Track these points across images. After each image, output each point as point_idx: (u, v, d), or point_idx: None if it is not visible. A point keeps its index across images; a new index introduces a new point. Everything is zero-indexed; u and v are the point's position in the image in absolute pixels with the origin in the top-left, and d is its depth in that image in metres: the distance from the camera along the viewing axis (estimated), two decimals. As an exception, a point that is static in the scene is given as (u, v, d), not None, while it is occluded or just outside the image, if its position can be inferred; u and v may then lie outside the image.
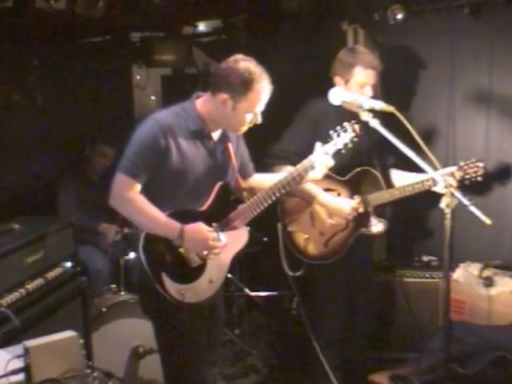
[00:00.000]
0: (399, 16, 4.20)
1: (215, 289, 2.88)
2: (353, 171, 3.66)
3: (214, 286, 2.87)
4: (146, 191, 2.75)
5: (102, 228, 4.68)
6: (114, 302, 3.84)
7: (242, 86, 2.69)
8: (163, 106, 5.95)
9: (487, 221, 2.62)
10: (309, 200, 3.61)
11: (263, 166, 3.55)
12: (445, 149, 4.40)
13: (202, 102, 2.84)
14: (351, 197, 3.65)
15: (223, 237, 2.81)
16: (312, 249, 3.68)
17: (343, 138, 2.90)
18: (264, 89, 2.73)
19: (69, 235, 3.50)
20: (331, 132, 2.92)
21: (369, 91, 3.55)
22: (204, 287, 2.83)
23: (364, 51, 3.65)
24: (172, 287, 2.72)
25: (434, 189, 3.33)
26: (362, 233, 3.67)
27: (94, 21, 3.94)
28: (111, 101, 5.54)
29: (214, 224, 2.82)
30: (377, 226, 3.66)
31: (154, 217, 2.70)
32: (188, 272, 2.78)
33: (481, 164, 3.59)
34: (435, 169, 2.69)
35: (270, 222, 3.72)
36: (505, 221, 4.18)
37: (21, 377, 2.35)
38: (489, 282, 3.91)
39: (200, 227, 2.74)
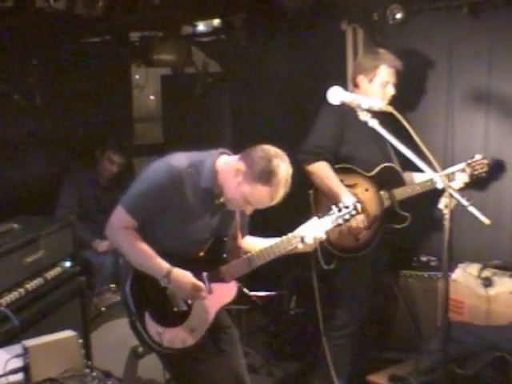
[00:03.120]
0: (398, 16, 4.21)
1: (197, 338, 2.83)
2: (378, 167, 3.77)
3: (195, 335, 2.84)
4: (143, 228, 2.77)
5: (95, 244, 4.62)
6: (114, 301, 3.83)
7: (260, 174, 2.63)
8: (162, 106, 6.06)
9: (486, 221, 2.61)
10: (335, 199, 3.53)
11: (296, 162, 3.50)
12: (443, 148, 4.39)
13: (224, 162, 2.77)
14: (377, 192, 3.76)
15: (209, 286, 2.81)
16: (344, 242, 3.74)
17: (344, 214, 2.87)
18: (272, 198, 2.68)
19: (68, 235, 3.50)
20: (333, 206, 2.89)
21: (391, 89, 3.78)
22: (184, 335, 2.81)
23: (386, 52, 3.84)
24: (152, 327, 2.76)
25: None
26: (390, 226, 3.81)
27: (94, 21, 3.94)
28: (110, 100, 5.53)
29: (204, 273, 2.83)
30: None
31: (144, 254, 2.73)
32: (171, 316, 2.80)
33: (485, 161, 3.93)
34: (435, 169, 2.68)
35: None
36: (504, 221, 4.16)
37: (20, 376, 2.36)
38: (488, 283, 3.91)
39: (187, 274, 2.75)
